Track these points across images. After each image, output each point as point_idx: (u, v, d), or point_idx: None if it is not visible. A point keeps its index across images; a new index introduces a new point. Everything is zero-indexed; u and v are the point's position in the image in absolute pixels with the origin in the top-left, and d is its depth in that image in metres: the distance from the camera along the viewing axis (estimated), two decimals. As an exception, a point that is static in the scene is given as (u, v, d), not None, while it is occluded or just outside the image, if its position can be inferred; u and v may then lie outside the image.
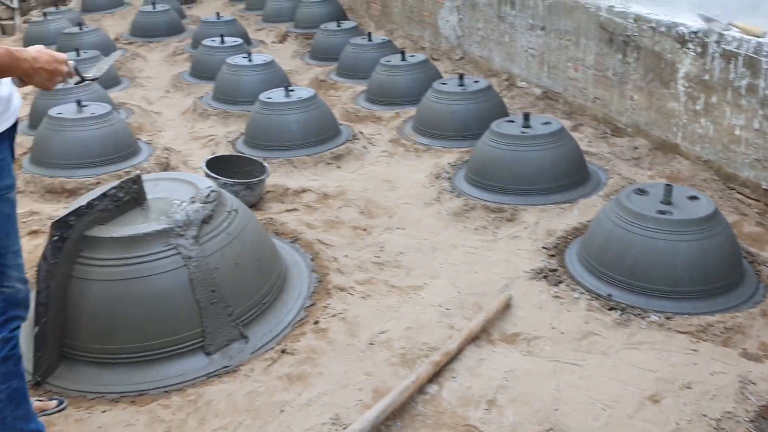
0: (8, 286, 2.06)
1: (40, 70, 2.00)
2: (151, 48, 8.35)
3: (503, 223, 3.79)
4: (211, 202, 3.03)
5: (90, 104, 4.86)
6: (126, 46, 8.37)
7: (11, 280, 2.06)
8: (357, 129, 5.28)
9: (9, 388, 2.10)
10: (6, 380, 2.09)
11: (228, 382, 2.71)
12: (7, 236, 2.04)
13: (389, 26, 8.14)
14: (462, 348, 2.80)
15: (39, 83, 2.04)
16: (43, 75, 2.02)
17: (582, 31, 5.01)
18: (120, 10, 10.65)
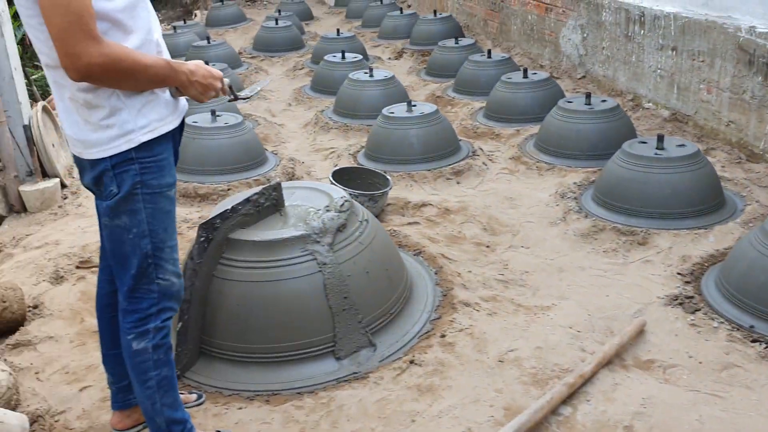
0: (164, 279, 2.15)
1: (195, 83, 2.11)
2: (272, 62, 8.65)
3: (634, 246, 3.68)
4: (345, 211, 3.10)
5: (223, 114, 5.08)
6: (249, 60, 8.72)
7: (167, 273, 2.16)
8: (476, 145, 5.27)
9: (159, 375, 2.20)
10: (157, 367, 2.19)
11: (358, 387, 2.74)
12: (165, 231, 2.14)
13: (506, 44, 8.11)
14: (595, 371, 2.73)
15: (193, 95, 2.15)
16: (197, 88, 2.13)
17: (718, 52, 4.82)
18: (242, 25, 11.12)
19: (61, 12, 1.76)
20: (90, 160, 2.04)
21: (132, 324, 2.15)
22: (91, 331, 3.21)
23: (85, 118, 2.00)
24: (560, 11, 6.88)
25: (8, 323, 3.23)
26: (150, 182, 2.06)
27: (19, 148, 4.73)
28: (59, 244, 4.00)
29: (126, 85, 1.96)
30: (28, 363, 3.01)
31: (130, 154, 2.02)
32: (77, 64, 1.81)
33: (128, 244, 2.09)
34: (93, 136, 2.00)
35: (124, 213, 2.06)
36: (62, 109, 2.05)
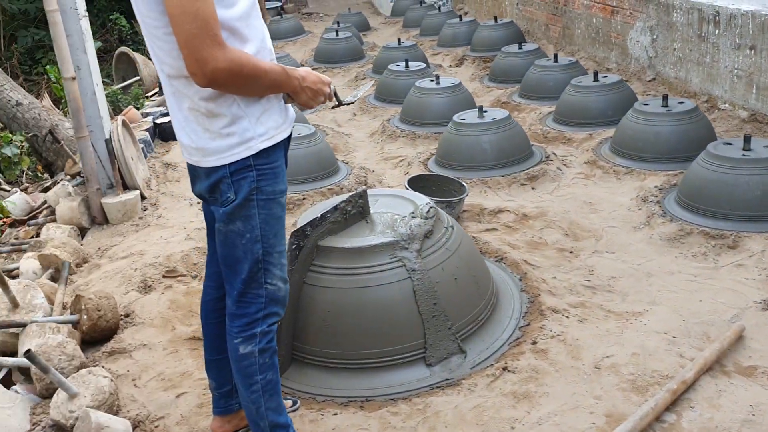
0: (271, 283, 2.18)
1: (306, 89, 2.14)
2: (333, 73, 8.73)
3: (724, 250, 3.57)
4: (431, 217, 3.09)
5: (296, 125, 5.13)
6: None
7: (274, 278, 2.18)
8: (548, 150, 5.21)
9: (264, 379, 2.22)
10: (262, 371, 2.21)
11: (452, 394, 2.73)
12: (275, 237, 2.16)
13: (569, 48, 8.01)
14: (697, 378, 2.65)
15: (303, 101, 2.18)
16: (308, 93, 2.16)
17: (801, 49, 4.67)
18: (301, 37, 11.28)
19: (189, 19, 1.81)
20: (206, 168, 2.08)
21: (239, 328, 2.18)
22: (182, 339, 3.28)
23: (206, 127, 2.04)
24: (627, 13, 6.77)
25: (103, 331, 3.33)
26: (265, 188, 2.10)
27: (100, 161, 4.87)
28: (144, 254, 4.10)
29: (247, 91, 2.00)
30: (124, 370, 3.09)
31: (249, 161, 2.05)
32: (204, 69, 1.86)
33: (241, 248, 2.12)
34: (213, 144, 2.04)
35: (239, 218, 2.10)
36: (180, 119, 2.10)
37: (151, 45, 2.03)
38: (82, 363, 3.04)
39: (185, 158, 2.18)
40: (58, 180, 5.96)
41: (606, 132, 5.37)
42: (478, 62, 8.27)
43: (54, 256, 4.02)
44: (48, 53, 11.43)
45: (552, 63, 6.53)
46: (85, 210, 4.80)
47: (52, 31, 4.59)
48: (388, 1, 12.87)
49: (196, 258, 4.00)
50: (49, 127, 6.06)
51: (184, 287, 3.72)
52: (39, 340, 3.11)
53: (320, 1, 14.89)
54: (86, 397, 2.73)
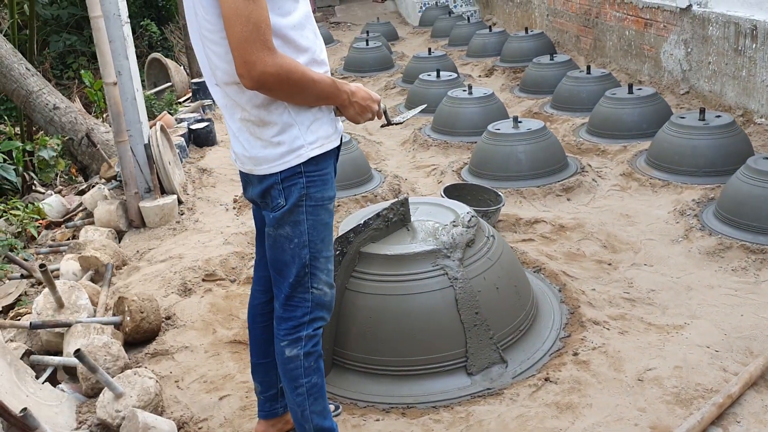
0: (317, 288, 2.21)
1: (354, 104, 2.17)
2: (363, 82, 8.79)
3: (765, 265, 3.55)
4: (472, 226, 3.11)
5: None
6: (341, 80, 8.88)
7: (321, 282, 2.21)
8: (583, 161, 5.20)
9: (309, 382, 2.24)
10: (307, 375, 2.23)
11: (494, 403, 2.73)
12: (322, 242, 2.19)
13: (601, 60, 8.00)
14: (742, 392, 2.64)
15: (351, 115, 2.20)
16: (356, 109, 2.18)
17: (842, 64, 4.63)
18: (331, 46, 11.36)
19: (242, 21, 1.85)
20: (259, 175, 2.12)
21: (286, 331, 2.22)
22: (223, 342, 3.31)
23: (257, 136, 2.08)
24: (661, 26, 6.76)
25: (145, 333, 3.37)
26: (314, 195, 2.13)
27: (139, 165, 4.94)
28: (183, 257, 4.15)
29: (294, 98, 2.03)
30: (167, 371, 3.13)
31: (299, 168, 2.09)
32: (252, 72, 1.89)
33: (289, 253, 2.16)
34: (263, 152, 2.08)
35: (287, 223, 2.13)
36: (234, 129, 2.14)
37: (205, 51, 2.06)
38: (126, 364, 3.09)
39: (238, 167, 2.22)
40: (92, 183, 6.05)
41: (640, 144, 5.36)
42: (508, 73, 8.29)
43: (94, 258, 4.08)
44: (78, 58, 11.62)
45: (585, 74, 6.53)
46: (123, 213, 4.87)
47: (95, 36, 4.68)
48: (416, 11, 12.93)
49: (235, 262, 4.05)
50: (86, 130, 6.16)
51: (224, 291, 3.76)
52: (84, 341, 3.17)
53: (348, 10, 14.99)
54: (132, 397, 2.77)
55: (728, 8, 5.84)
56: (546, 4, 9.55)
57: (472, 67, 8.98)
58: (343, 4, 15.33)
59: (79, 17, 11.66)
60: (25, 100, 6.29)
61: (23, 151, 6.34)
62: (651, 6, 6.89)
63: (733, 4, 5.79)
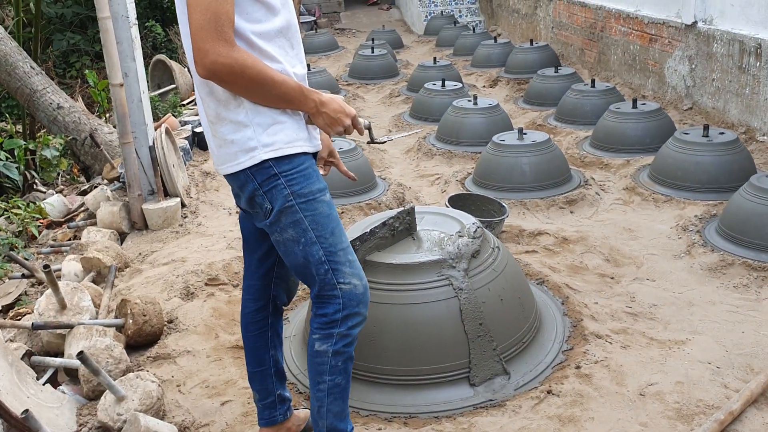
0: (345, 282, 2.15)
1: (324, 114, 2.13)
2: (368, 89, 8.81)
3: (767, 282, 3.56)
4: (478, 237, 3.11)
5: (335, 140, 5.19)
6: (345, 87, 8.91)
7: (346, 275, 2.16)
8: (586, 174, 5.22)
9: (332, 381, 2.21)
10: (332, 373, 2.20)
11: (496, 415, 2.74)
12: (332, 234, 2.15)
13: (605, 73, 8.03)
14: (743, 409, 2.65)
15: (320, 125, 2.17)
16: (325, 119, 2.14)
17: None
18: (335, 52, 11.39)
19: (201, 10, 1.89)
20: (238, 183, 2.14)
21: (318, 324, 2.19)
22: (226, 347, 3.31)
23: (213, 133, 2.12)
24: (666, 42, 6.79)
25: (147, 336, 3.37)
26: (300, 191, 2.10)
27: (143, 167, 4.95)
28: (185, 261, 4.15)
29: (251, 95, 2.02)
30: (169, 375, 3.12)
31: (272, 170, 2.08)
32: (204, 60, 1.91)
33: (300, 255, 2.14)
34: (219, 151, 2.12)
35: (288, 226, 2.11)
36: (205, 125, 2.19)
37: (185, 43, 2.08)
38: (127, 367, 3.08)
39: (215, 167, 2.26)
40: (95, 184, 6.05)
41: (644, 159, 5.38)
42: (513, 84, 8.32)
43: (97, 260, 4.08)
44: (82, 57, 11.63)
45: (589, 88, 6.55)
46: (126, 215, 4.87)
47: (103, 38, 4.68)
48: (421, 20, 12.97)
49: (238, 267, 4.05)
50: (89, 131, 6.17)
51: (226, 296, 3.76)
52: (86, 342, 3.16)
53: (353, 17, 15.04)
54: (134, 400, 2.77)
55: (733, 26, 5.87)
56: (551, 16, 9.59)
57: (477, 77, 9.01)
58: (348, 11, 15.38)
59: (84, 16, 11.68)
60: (28, 99, 6.29)
61: (25, 149, 6.34)
62: (656, 21, 6.92)
63: (737, 22, 5.82)
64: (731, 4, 5.89)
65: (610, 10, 7.84)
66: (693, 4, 6.26)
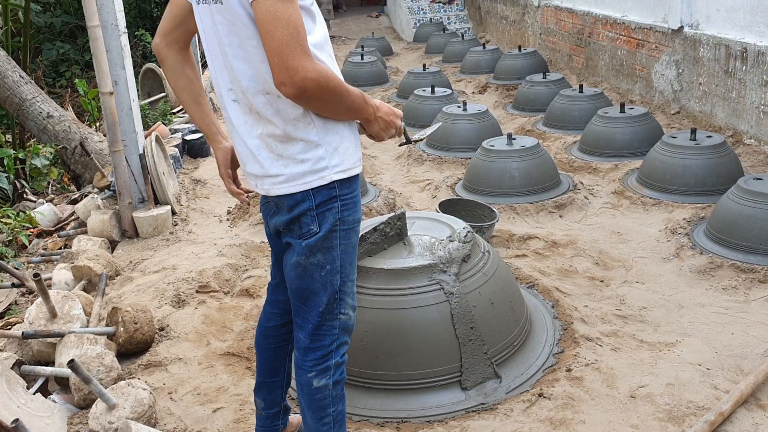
0: (344, 313, 2.15)
1: (379, 119, 2.10)
2: (357, 96, 8.83)
3: (755, 284, 3.59)
4: (469, 241, 3.13)
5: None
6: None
7: (347, 307, 2.16)
8: (575, 179, 5.25)
9: (336, 410, 2.19)
10: (335, 403, 2.18)
11: (488, 419, 2.75)
12: (351, 265, 2.13)
13: (593, 79, 8.09)
14: (733, 410, 2.67)
15: (375, 131, 2.13)
16: (380, 124, 2.12)
17: (830, 87, 4.71)
18: (325, 60, 11.39)
19: (282, 25, 1.77)
20: (284, 197, 2.03)
21: (314, 362, 2.13)
22: (217, 354, 3.31)
23: (279, 153, 2.00)
24: (653, 47, 6.84)
25: (138, 344, 3.36)
26: (347, 218, 2.07)
27: (133, 175, 4.94)
28: (176, 269, 4.15)
29: (330, 108, 1.95)
30: (160, 383, 3.12)
31: (335, 192, 2.02)
32: (295, 77, 1.80)
33: (318, 281, 2.08)
34: (285, 170, 2.00)
35: (320, 251, 2.05)
36: (251, 147, 2.04)
37: (225, 62, 1.97)
38: (119, 375, 3.07)
39: (252, 188, 2.14)
40: (85, 192, 6.04)
41: (632, 163, 5.41)
42: (502, 90, 8.36)
43: (87, 268, 4.07)
44: (72, 66, 11.61)
45: (577, 93, 6.60)
46: (116, 223, 4.86)
47: (93, 46, 4.69)
48: (410, 27, 13.03)
49: (228, 274, 4.04)
50: (80, 139, 6.15)
51: (218, 303, 3.76)
52: (77, 351, 3.15)
53: (343, 24, 15.08)
54: (125, 408, 2.76)
55: (719, 30, 5.93)
56: (539, 22, 9.65)
57: (466, 83, 9.05)
58: (338, 18, 15.43)
59: (73, 25, 11.67)
60: (18, 108, 6.28)
61: (15, 159, 6.32)
62: (643, 27, 6.98)
63: (723, 27, 5.88)
64: (717, 9, 5.95)
65: (597, 15, 7.90)
66: (679, 9, 6.32)
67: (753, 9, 5.51)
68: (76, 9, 11.52)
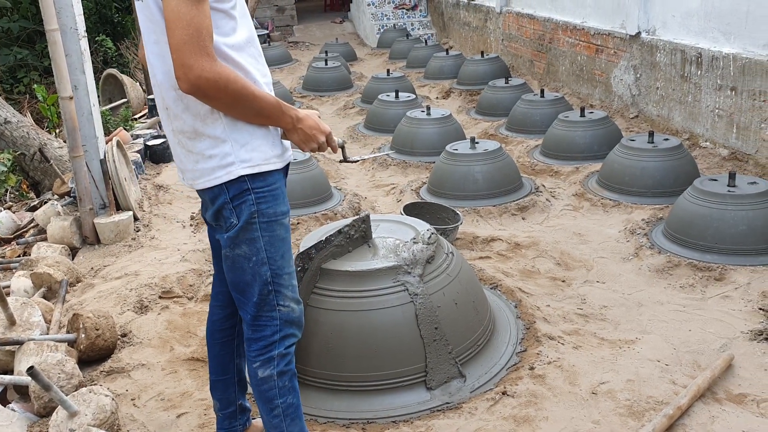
0: (284, 305, 2.19)
1: (299, 130, 2.14)
2: (322, 101, 8.84)
3: (711, 282, 3.69)
4: (432, 243, 3.16)
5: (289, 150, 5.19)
6: (299, 99, 8.92)
7: (286, 299, 2.20)
8: (537, 182, 5.33)
9: (285, 402, 2.21)
10: (282, 395, 2.20)
11: (453, 417, 2.77)
12: (282, 258, 2.18)
13: (554, 84, 8.22)
14: (691, 404, 2.73)
15: (295, 141, 2.18)
16: (300, 135, 2.16)
17: (781, 91, 4.86)
18: (289, 65, 11.39)
19: (183, 25, 1.86)
20: (204, 191, 2.13)
21: (257, 351, 2.19)
22: (181, 359, 3.28)
23: (189, 149, 2.09)
24: (611, 52, 6.98)
25: (100, 350, 3.32)
26: (266, 211, 2.12)
27: (94, 181, 4.88)
28: (139, 275, 4.10)
29: (232, 109, 2.02)
30: (123, 389, 3.08)
31: (246, 185, 2.08)
32: (189, 74, 1.88)
33: (249, 272, 2.14)
34: (197, 166, 2.09)
35: (243, 242, 2.12)
36: (170, 139, 2.18)
37: (151, 57, 2.06)
38: (80, 382, 3.03)
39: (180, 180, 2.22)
40: (45, 199, 5.93)
41: (592, 166, 5.51)
42: (465, 95, 8.45)
43: (47, 275, 4.01)
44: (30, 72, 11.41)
45: (539, 98, 6.70)
46: (77, 230, 4.79)
47: (51, 50, 4.62)
48: (374, 33, 13.08)
49: (192, 279, 4.02)
50: (39, 145, 6.05)
51: (181, 308, 3.73)
52: (37, 358, 3.10)
53: (306, 30, 15.07)
54: (87, 415, 2.72)
55: (675, 36, 6.08)
56: (501, 29, 9.77)
57: (430, 88, 9.12)
58: (302, 24, 15.41)
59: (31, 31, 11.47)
60: (-26, 114, 6.15)
61: (-29, 166, 6.18)
62: (602, 33, 7.12)
63: (679, 33, 6.03)
64: (672, 15, 6.10)
65: (558, 22, 8.04)
66: (636, 16, 6.46)
67: (707, 15, 5.66)
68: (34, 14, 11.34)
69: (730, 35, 5.44)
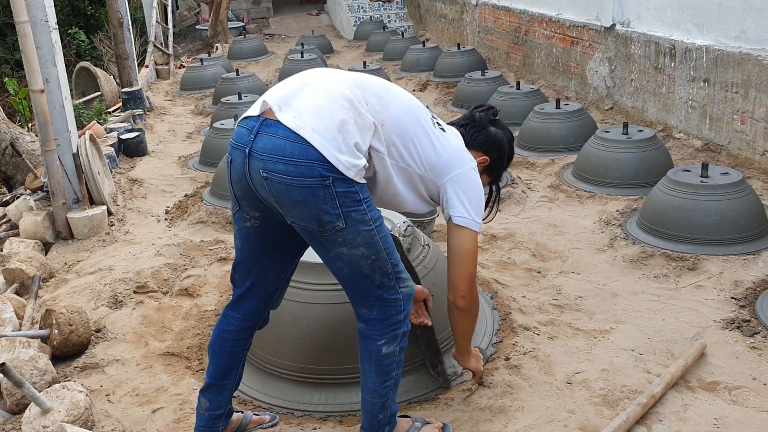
0: (405, 286, 2.32)
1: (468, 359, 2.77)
2: (298, 94, 8.78)
3: (684, 272, 3.73)
4: (408, 235, 3.16)
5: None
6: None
7: (406, 281, 2.33)
8: (513, 174, 5.35)
9: (397, 374, 2.37)
10: (398, 368, 2.36)
11: (429, 408, 2.78)
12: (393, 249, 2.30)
13: (530, 76, 8.25)
14: (664, 392, 2.77)
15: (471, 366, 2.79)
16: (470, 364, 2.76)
17: (752, 83, 4.92)
18: (264, 58, 11.32)
19: (471, 261, 2.41)
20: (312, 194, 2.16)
21: (383, 330, 2.30)
22: (156, 354, 3.26)
23: (345, 133, 2.14)
24: (587, 44, 7.02)
25: (74, 346, 3.29)
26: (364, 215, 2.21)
27: (67, 175, 4.82)
28: (113, 269, 4.06)
29: (469, 326, 2.61)
30: (97, 385, 3.05)
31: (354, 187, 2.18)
32: (464, 301, 2.45)
33: (367, 267, 2.24)
34: (332, 143, 2.11)
35: (361, 244, 2.21)
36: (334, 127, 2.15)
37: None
38: (53, 378, 3.00)
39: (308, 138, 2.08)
40: (17, 194, 5.85)
41: (568, 158, 5.54)
42: (442, 87, 8.45)
43: (20, 271, 3.95)
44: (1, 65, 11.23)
45: (515, 90, 6.72)
46: (50, 224, 4.73)
47: (22, 42, 4.54)
48: (350, 25, 13.03)
49: (167, 274, 3.98)
50: (10, 140, 5.96)
51: (156, 303, 3.70)
52: (9, 355, 3.06)
53: (282, 22, 14.98)
54: (60, 412, 2.69)
55: (649, 28, 6.13)
56: (477, 21, 9.79)
57: (407, 81, 9.11)
58: (277, 16, 15.31)
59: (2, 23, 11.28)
60: (-57, 108, 6.04)
61: (-59, 160, 6.07)
62: (577, 25, 7.15)
63: (653, 25, 6.08)
64: (647, 7, 6.14)
65: (533, 14, 8.06)
66: (611, 8, 6.50)
67: (680, 7, 5.71)
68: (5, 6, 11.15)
69: (703, 27, 5.50)
